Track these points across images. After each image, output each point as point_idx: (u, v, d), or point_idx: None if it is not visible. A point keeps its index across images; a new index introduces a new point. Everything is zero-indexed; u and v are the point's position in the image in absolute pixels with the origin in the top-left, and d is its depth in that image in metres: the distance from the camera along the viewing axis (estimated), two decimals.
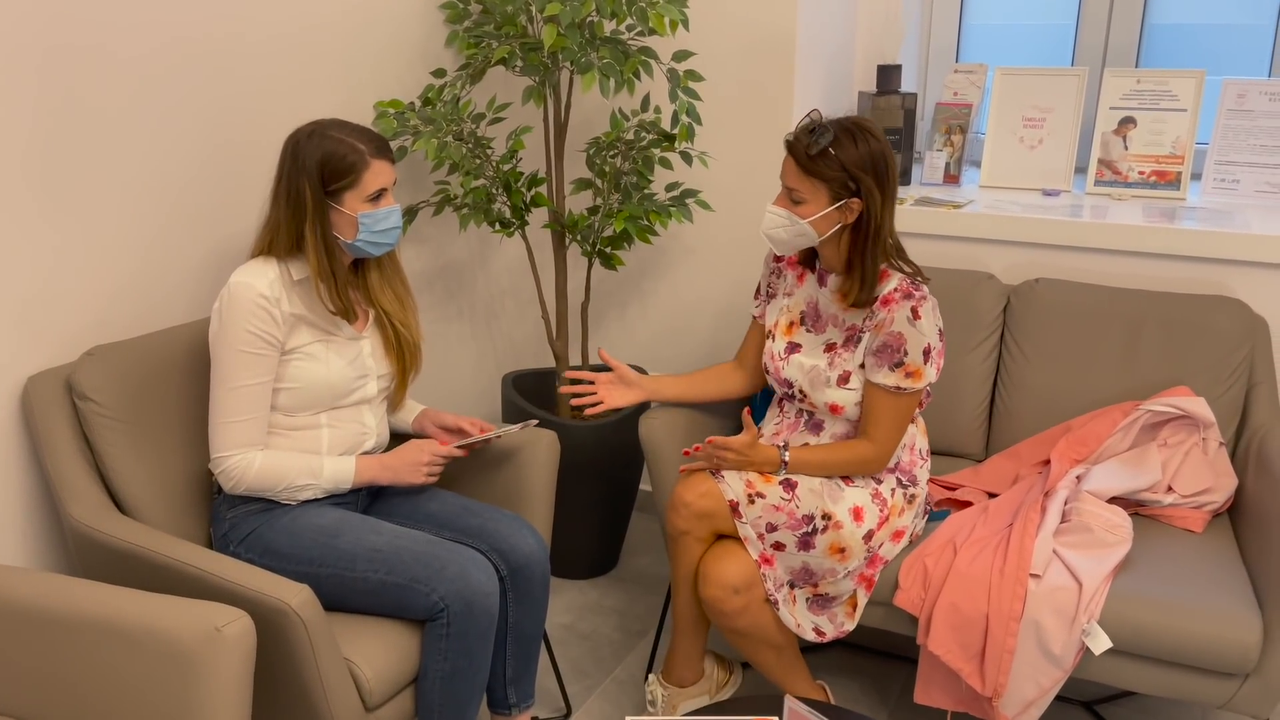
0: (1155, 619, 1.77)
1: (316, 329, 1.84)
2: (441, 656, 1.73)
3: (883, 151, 1.83)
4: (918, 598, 1.90)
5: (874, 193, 1.83)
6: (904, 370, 1.87)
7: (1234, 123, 2.47)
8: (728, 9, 2.58)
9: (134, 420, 1.82)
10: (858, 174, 1.82)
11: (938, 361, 1.90)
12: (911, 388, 1.88)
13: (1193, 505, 2.04)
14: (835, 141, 1.81)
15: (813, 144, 1.81)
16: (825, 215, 1.85)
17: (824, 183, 1.83)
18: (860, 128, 1.83)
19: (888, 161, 1.84)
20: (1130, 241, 2.32)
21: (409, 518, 1.91)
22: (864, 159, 1.81)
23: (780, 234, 1.90)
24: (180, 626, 1.40)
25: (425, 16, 2.52)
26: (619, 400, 2.09)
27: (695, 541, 1.94)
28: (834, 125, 1.83)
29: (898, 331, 1.86)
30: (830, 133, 1.81)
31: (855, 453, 1.93)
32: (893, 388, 1.88)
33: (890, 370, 1.88)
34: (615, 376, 2.12)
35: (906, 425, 1.94)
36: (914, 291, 1.87)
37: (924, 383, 1.89)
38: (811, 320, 2.01)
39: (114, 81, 1.86)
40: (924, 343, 1.86)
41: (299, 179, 1.76)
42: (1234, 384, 2.13)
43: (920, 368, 1.87)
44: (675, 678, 2.07)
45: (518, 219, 2.52)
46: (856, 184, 1.82)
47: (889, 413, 1.91)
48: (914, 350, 1.86)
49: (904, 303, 1.86)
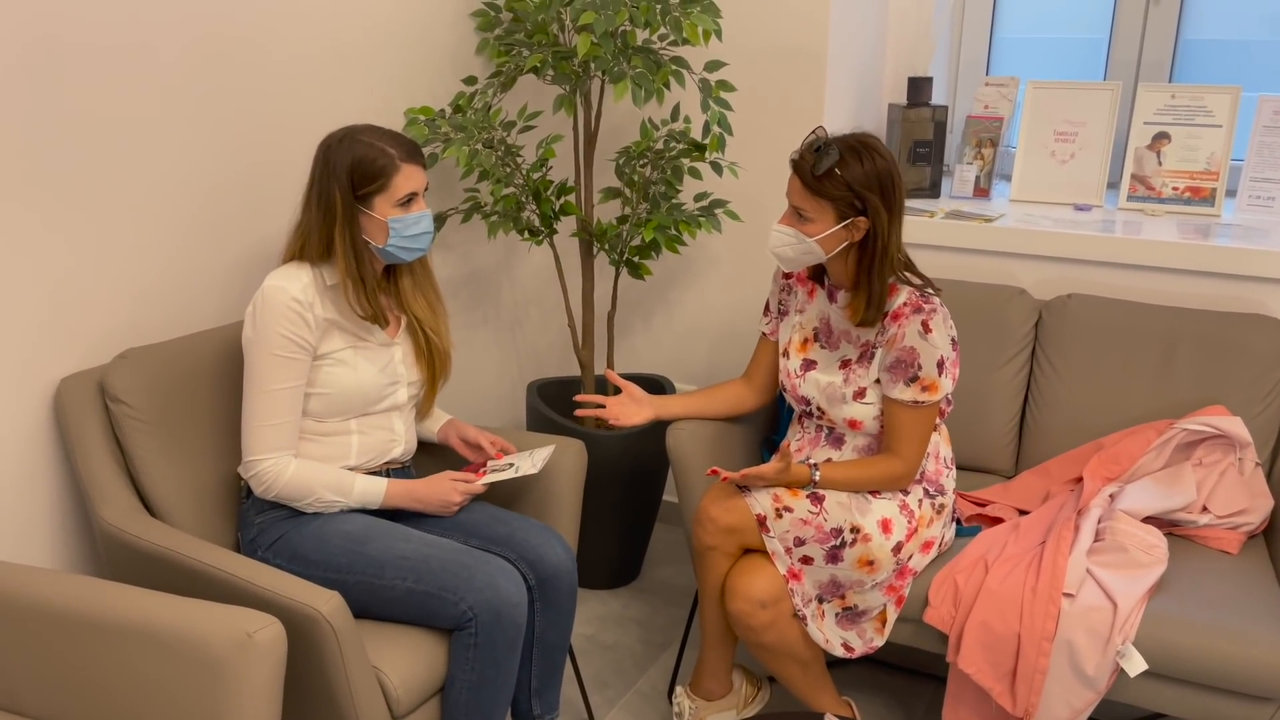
0: (1190, 641, 1.74)
1: (349, 334, 1.83)
2: (469, 666, 1.72)
3: (889, 169, 1.83)
4: (948, 615, 1.88)
5: (880, 211, 1.82)
6: (920, 384, 1.87)
7: (1270, 139, 2.45)
8: (759, 20, 2.58)
9: (165, 423, 1.82)
10: (864, 193, 1.81)
11: (952, 371, 1.90)
12: (929, 400, 1.88)
13: (1228, 526, 2.02)
14: (840, 161, 1.80)
15: (818, 164, 1.81)
16: (832, 234, 1.85)
17: (830, 202, 1.82)
18: (865, 146, 1.82)
19: (894, 179, 1.83)
20: (1164, 258, 2.30)
21: (437, 525, 1.91)
22: (870, 178, 1.81)
23: (787, 251, 1.90)
24: (212, 632, 1.40)
25: (456, 24, 2.52)
26: (630, 418, 2.09)
27: (722, 556, 1.93)
28: (839, 144, 1.82)
29: (910, 346, 1.86)
30: (835, 152, 1.80)
31: (885, 469, 1.92)
32: (910, 402, 1.88)
33: (906, 385, 1.87)
34: (625, 397, 2.11)
35: (929, 436, 1.93)
36: (924, 305, 1.87)
37: (941, 394, 1.88)
38: (825, 337, 2.01)
39: (147, 85, 1.87)
40: (937, 355, 1.86)
41: (329, 183, 1.77)
42: (1271, 403, 2.10)
43: (935, 380, 1.87)
44: (703, 690, 2.06)
45: (546, 227, 2.51)
46: (863, 203, 1.82)
47: (910, 427, 1.90)
48: (928, 364, 1.86)
49: (914, 317, 1.85)
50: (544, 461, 1.94)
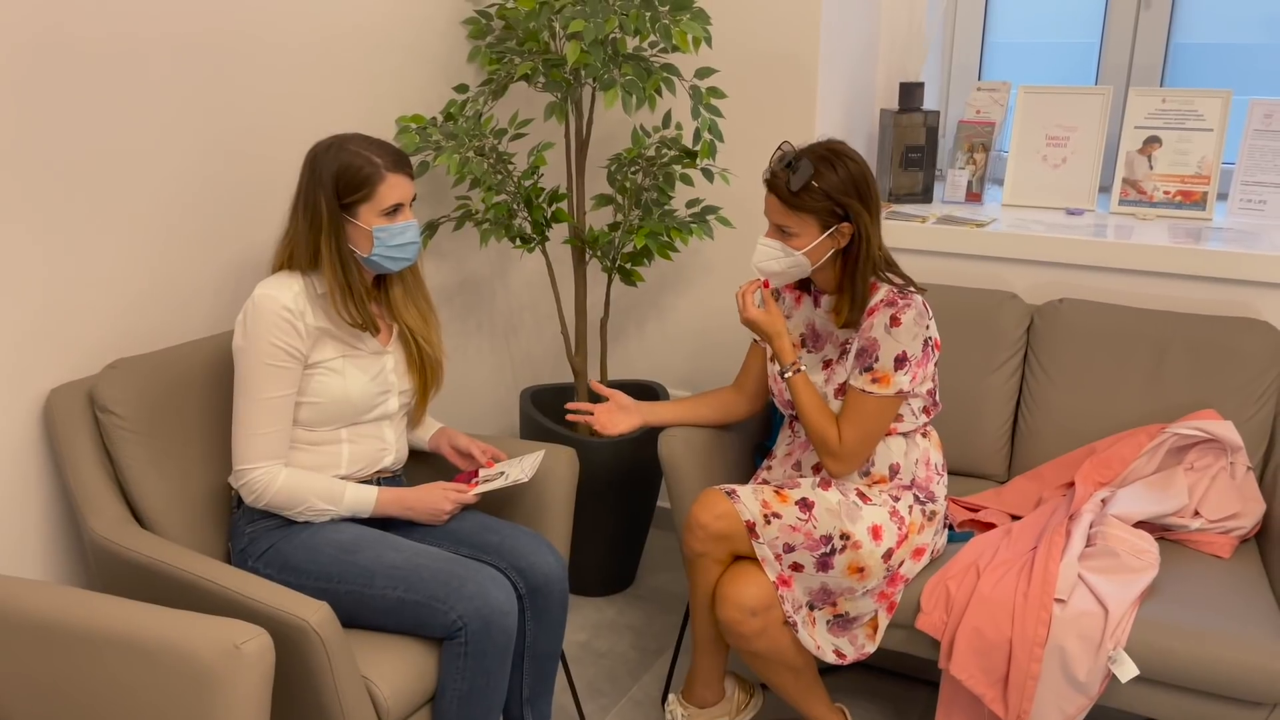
0: (1182, 646, 1.74)
1: (341, 343, 1.83)
2: (459, 675, 1.72)
3: (862, 172, 1.85)
4: (940, 621, 1.88)
5: (862, 214, 1.84)
6: (872, 375, 1.87)
7: (1261, 143, 2.45)
8: (749, 26, 2.58)
9: (155, 433, 1.82)
10: (843, 199, 1.82)
11: (915, 370, 1.88)
12: (878, 392, 1.87)
13: (1220, 530, 2.02)
14: (815, 173, 1.81)
15: (793, 179, 1.81)
16: (818, 244, 1.86)
17: (812, 215, 1.84)
18: (835, 153, 1.84)
19: (868, 181, 1.85)
20: (1156, 262, 2.30)
21: (428, 534, 1.90)
22: (846, 184, 1.82)
23: (773, 265, 1.90)
24: (199, 643, 1.39)
25: (448, 32, 2.52)
26: (616, 426, 2.10)
27: (713, 563, 1.93)
28: (809, 155, 1.83)
29: (873, 338, 1.88)
30: (809, 164, 1.81)
31: (829, 433, 1.90)
32: (859, 390, 1.89)
33: (860, 372, 1.89)
34: (612, 405, 2.13)
35: (874, 431, 1.91)
36: (898, 299, 1.87)
37: (892, 390, 1.87)
38: (812, 341, 2.02)
39: (135, 94, 1.87)
40: (898, 349, 1.86)
41: (315, 192, 1.77)
42: (1262, 407, 2.10)
43: (889, 374, 1.86)
44: (696, 698, 2.05)
45: (538, 234, 2.52)
46: (844, 209, 1.83)
47: (853, 412, 1.90)
48: (885, 356, 1.86)
49: (886, 310, 1.87)
50: (534, 468, 1.94)
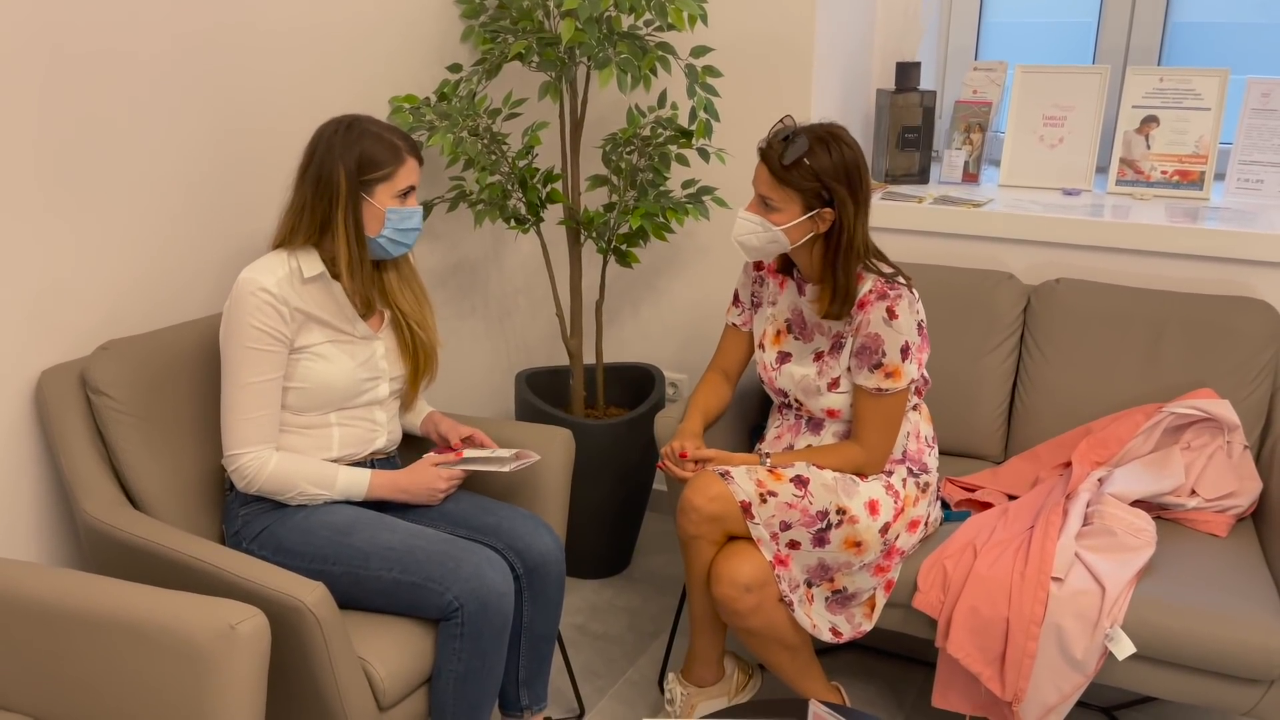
0: (1179, 624, 1.74)
1: (329, 328, 1.82)
2: (455, 657, 1.71)
3: (856, 160, 1.84)
4: (937, 600, 1.88)
5: (847, 203, 1.83)
6: (883, 371, 1.87)
7: (1258, 122, 2.44)
8: (746, 5, 2.56)
9: (148, 415, 1.81)
10: (831, 184, 1.82)
11: (919, 357, 1.90)
12: (893, 388, 1.88)
13: (1216, 509, 2.02)
14: (809, 151, 1.81)
15: (786, 153, 1.81)
16: (798, 224, 1.86)
17: (797, 192, 1.83)
18: (833, 136, 1.84)
19: (860, 170, 1.85)
20: (1153, 242, 2.29)
21: (424, 516, 1.90)
22: (837, 168, 1.82)
23: (752, 240, 1.90)
24: (194, 624, 1.39)
25: (441, 11, 2.50)
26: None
27: (707, 544, 1.92)
28: (807, 133, 1.83)
29: (874, 333, 1.87)
30: (804, 141, 1.81)
31: (845, 456, 1.92)
32: (874, 390, 1.88)
33: (870, 372, 1.88)
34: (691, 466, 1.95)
35: (896, 426, 1.93)
36: (889, 291, 1.87)
37: (905, 381, 1.88)
38: (799, 329, 2.01)
39: (128, 77, 1.85)
40: (901, 341, 1.86)
41: (333, 163, 1.75)
42: (1259, 386, 2.10)
43: (899, 366, 1.87)
44: (694, 677, 2.06)
45: (533, 215, 2.50)
46: (830, 193, 1.83)
47: (874, 416, 1.91)
48: (891, 350, 1.86)
49: (879, 303, 1.86)
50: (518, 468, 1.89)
